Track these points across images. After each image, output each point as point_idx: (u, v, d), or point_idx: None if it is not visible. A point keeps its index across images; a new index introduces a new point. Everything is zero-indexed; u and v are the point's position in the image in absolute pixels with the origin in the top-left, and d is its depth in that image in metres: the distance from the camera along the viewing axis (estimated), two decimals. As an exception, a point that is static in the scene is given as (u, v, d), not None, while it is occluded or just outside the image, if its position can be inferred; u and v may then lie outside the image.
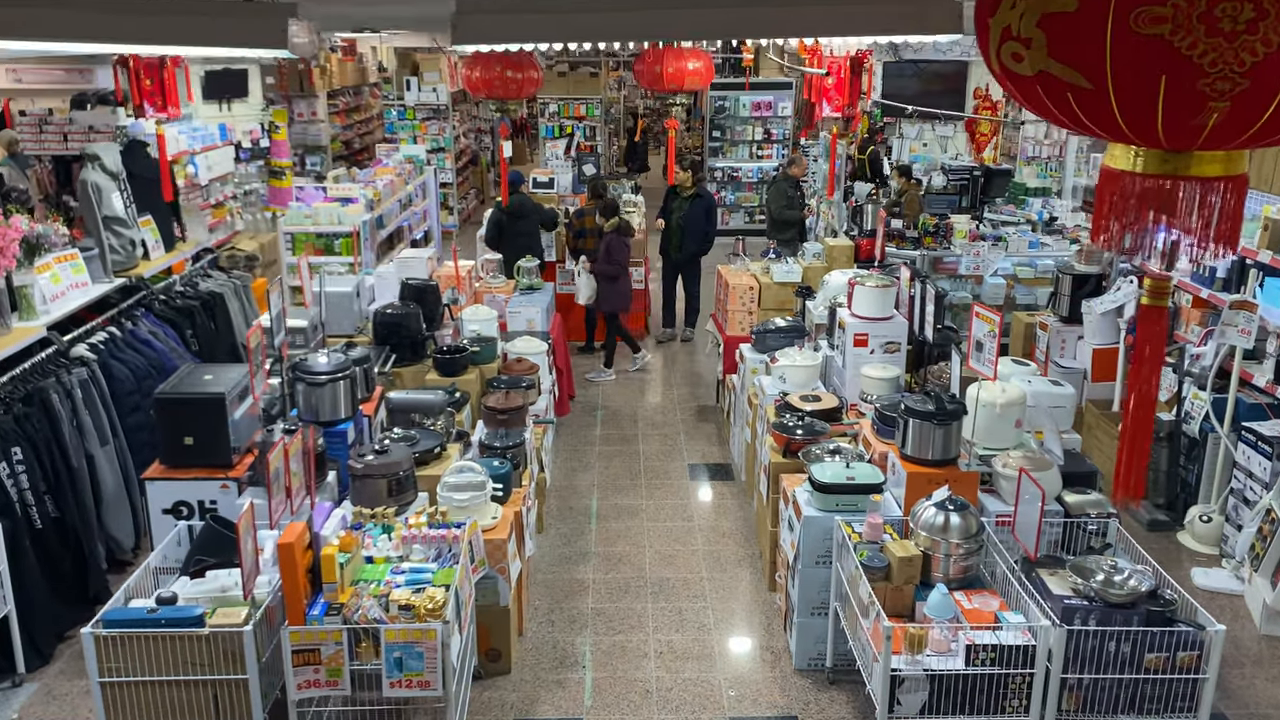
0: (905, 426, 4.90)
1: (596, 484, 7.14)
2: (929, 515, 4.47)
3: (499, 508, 5.04)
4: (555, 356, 7.77)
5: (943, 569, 4.45)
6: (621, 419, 8.34)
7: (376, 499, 4.80)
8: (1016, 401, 5.04)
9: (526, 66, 5.19)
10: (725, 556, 6.17)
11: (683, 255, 10.13)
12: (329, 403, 5.17)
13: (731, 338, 7.86)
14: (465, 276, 7.76)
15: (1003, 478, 4.88)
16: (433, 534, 4.48)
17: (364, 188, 10.40)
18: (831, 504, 4.87)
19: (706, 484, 7.16)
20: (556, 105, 15.09)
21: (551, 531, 6.47)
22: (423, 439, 5.36)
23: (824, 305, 6.88)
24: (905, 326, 6.22)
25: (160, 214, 7.58)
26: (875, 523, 4.59)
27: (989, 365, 4.72)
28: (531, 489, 5.87)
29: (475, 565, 4.76)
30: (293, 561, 3.85)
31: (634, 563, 6.08)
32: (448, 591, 4.10)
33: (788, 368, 6.28)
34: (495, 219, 9.38)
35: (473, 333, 6.88)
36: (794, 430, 5.64)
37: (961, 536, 4.41)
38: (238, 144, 12.23)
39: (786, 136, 14.95)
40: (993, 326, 4.68)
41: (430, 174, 13.14)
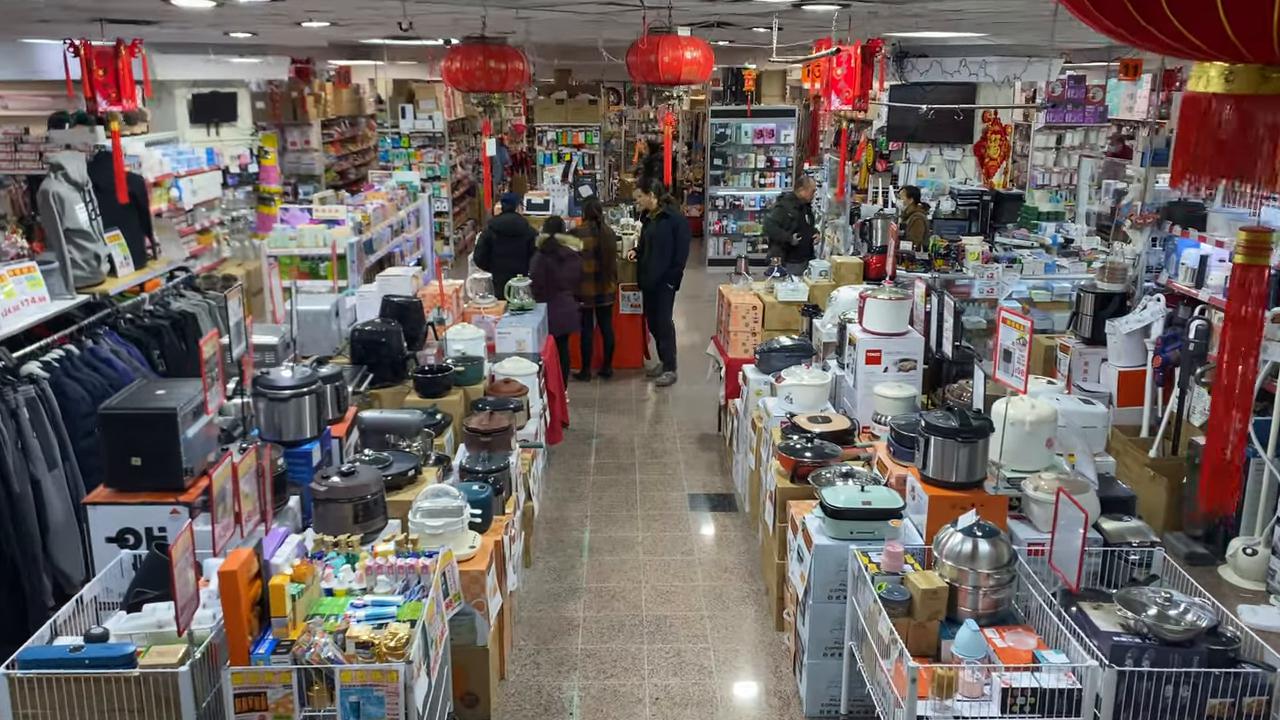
0: (926, 446, 4.44)
1: (589, 515, 6.66)
2: (955, 543, 4.00)
3: (477, 536, 4.58)
4: (547, 379, 7.33)
5: (971, 603, 3.97)
6: (617, 447, 7.88)
7: (341, 525, 4.34)
8: (1047, 419, 4.59)
9: (511, 57, 4.82)
10: (728, 593, 5.68)
11: (646, 281, 9.46)
12: (293, 421, 4.71)
13: (734, 360, 7.42)
14: (452, 295, 7.34)
15: (1034, 502, 4.41)
16: (400, 564, 4.02)
17: (352, 210, 10.03)
18: (845, 531, 4.40)
19: (708, 515, 6.69)
20: (554, 133, 14.79)
21: (539, 565, 5.99)
22: (396, 461, 4.91)
23: (833, 323, 6.45)
24: (921, 343, 5.79)
25: (130, 229, 7.18)
26: (895, 551, 4.11)
27: (1019, 376, 4.27)
28: (517, 518, 5.41)
29: (449, 600, 4.28)
30: (235, 592, 3.39)
31: (629, 600, 5.60)
32: (413, 628, 3.63)
33: (794, 387, 5.84)
34: (485, 237, 9.00)
35: (457, 352, 6.44)
36: (802, 453, 5.18)
37: (992, 566, 3.94)
38: (225, 169, 11.91)
39: (789, 164, 14.62)
40: (1023, 333, 4.24)
41: (424, 200, 12.79)
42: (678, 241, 9.35)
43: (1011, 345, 4.31)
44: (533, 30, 7.40)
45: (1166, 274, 7.25)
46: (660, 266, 9.35)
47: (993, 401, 4.78)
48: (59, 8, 5.72)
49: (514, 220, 9.06)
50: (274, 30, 9.54)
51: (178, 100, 11.49)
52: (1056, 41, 10.05)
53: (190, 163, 10.98)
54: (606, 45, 13.00)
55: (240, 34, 10.20)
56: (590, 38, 10.61)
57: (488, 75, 4.74)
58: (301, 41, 11.70)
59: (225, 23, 7.81)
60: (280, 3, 6.15)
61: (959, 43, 11.04)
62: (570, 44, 13.39)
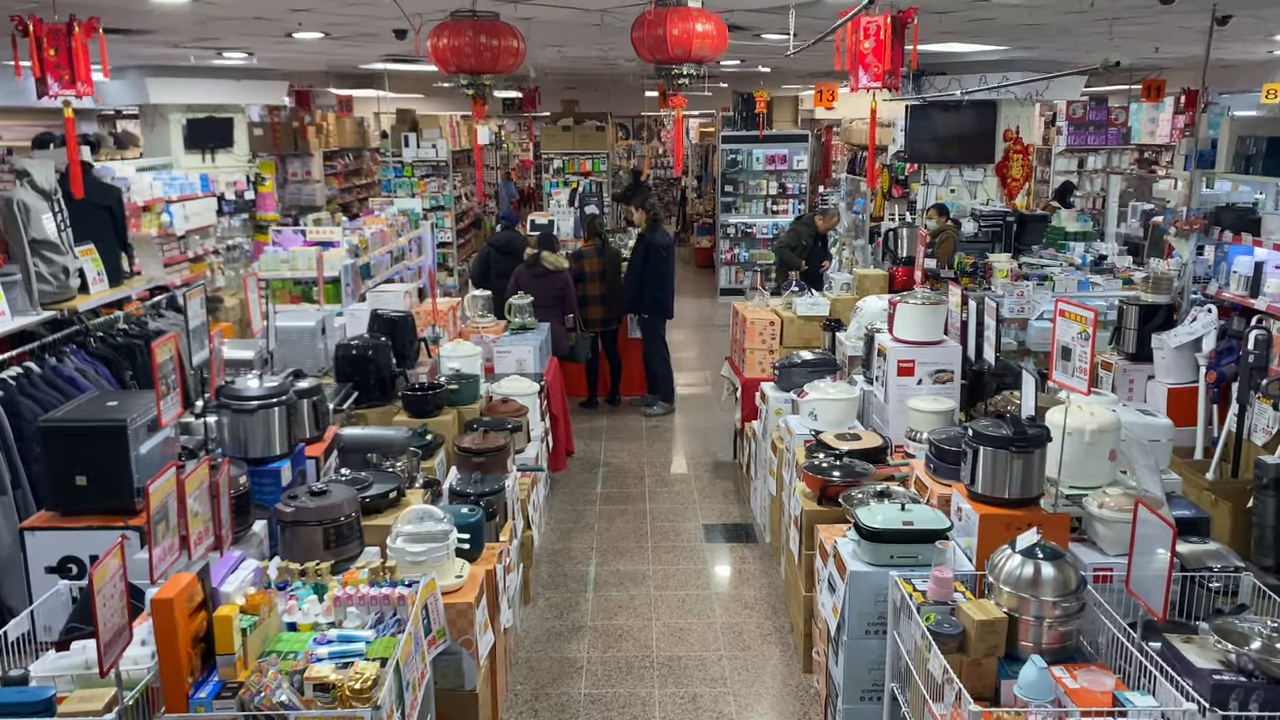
0: (974, 458, 3.91)
1: (595, 547, 6.12)
2: (1013, 566, 3.46)
3: (466, 565, 4.05)
4: (549, 402, 6.83)
5: (1034, 636, 3.42)
6: (626, 476, 7.35)
7: (310, 551, 3.83)
8: (1109, 428, 4.05)
9: (504, 34, 4.39)
10: (748, 631, 5.12)
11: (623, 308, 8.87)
12: (260, 435, 4.21)
13: (750, 380, 6.90)
14: (448, 312, 6.87)
15: (1099, 521, 3.87)
16: (374, 594, 3.49)
17: (349, 234, 9.61)
18: (884, 556, 3.86)
19: (724, 547, 6.14)
20: (561, 161, 14.42)
21: (540, 602, 5.44)
22: (376, 482, 4.39)
23: (858, 335, 5.94)
24: (958, 352, 5.27)
25: (106, 244, 6.73)
26: (944, 577, 3.57)
27: (1081, 376, 3.74)
28: (513, 548, 4.88)
29: (432, 636, 3.75)
30: (171, 624, 2.87)
31: (638, 639, 5.04)
32: (384, 667, 3.10)
33: (819, 402, 5.32)
34: (483, 255, 8.57)
35: (452, 370, 5.95)
36: (830, 472, 4.65)
37: (1058, 593, 3.39)
38: (220, 196, 11.54)
39: (802, 191, 14.21)
40: (1084, 326, 3.72)
41: (427, 229, 12.38)
42: (647, 265, 8.66)
43: (1071, 341, 3.79)
44: (533, 31, 6.99)
45: (1216, 284, 6.73)
46: (628, 291, 8.73)
47: (1043, 413, 4.27)
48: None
49: (513, 238, 8.63)
50: (268, 47, 9.19)
51: (172, 125, 11.14)
52: (1087, 54, 9.65)
53: (183, 188, 10.61)
54: (609, 67, 12.71)
55: (234, 54, 9.87)
56: (595, 54, 10.25)
57: (478, 53, 4.32)
58: (299, 65, 11.37)
59: (207, 29, 7.44)
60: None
61: (980, 58, 10.64)
62: (576, 69, 13.07)
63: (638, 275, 8.66)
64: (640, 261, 8.66)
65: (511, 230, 8.79)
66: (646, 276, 8.63)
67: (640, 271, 8.65)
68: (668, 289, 8.79)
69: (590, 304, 8.62)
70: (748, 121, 14.16)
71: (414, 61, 11.29)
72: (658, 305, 8.75)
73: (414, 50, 9.44)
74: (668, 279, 8.80)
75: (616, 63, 11.91)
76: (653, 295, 8.68)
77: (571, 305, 8.20)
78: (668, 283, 8.80)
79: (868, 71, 4.23)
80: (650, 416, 8.89)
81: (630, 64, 11.58)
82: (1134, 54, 11.20)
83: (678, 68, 4.26)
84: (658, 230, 8.94)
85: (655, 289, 8.67)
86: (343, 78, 13.76)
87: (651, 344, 8.86)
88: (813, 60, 11.98)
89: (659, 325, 8.86)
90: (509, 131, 23.71)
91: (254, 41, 8.49)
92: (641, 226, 8.92)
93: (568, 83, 16.12)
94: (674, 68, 4.28)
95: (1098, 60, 11.36)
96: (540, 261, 7.98)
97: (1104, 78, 14.53)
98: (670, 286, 8.86)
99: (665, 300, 8.79)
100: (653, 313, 8.75)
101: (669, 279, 8.83)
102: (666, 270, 8.76)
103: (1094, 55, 11.08)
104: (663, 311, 8.83)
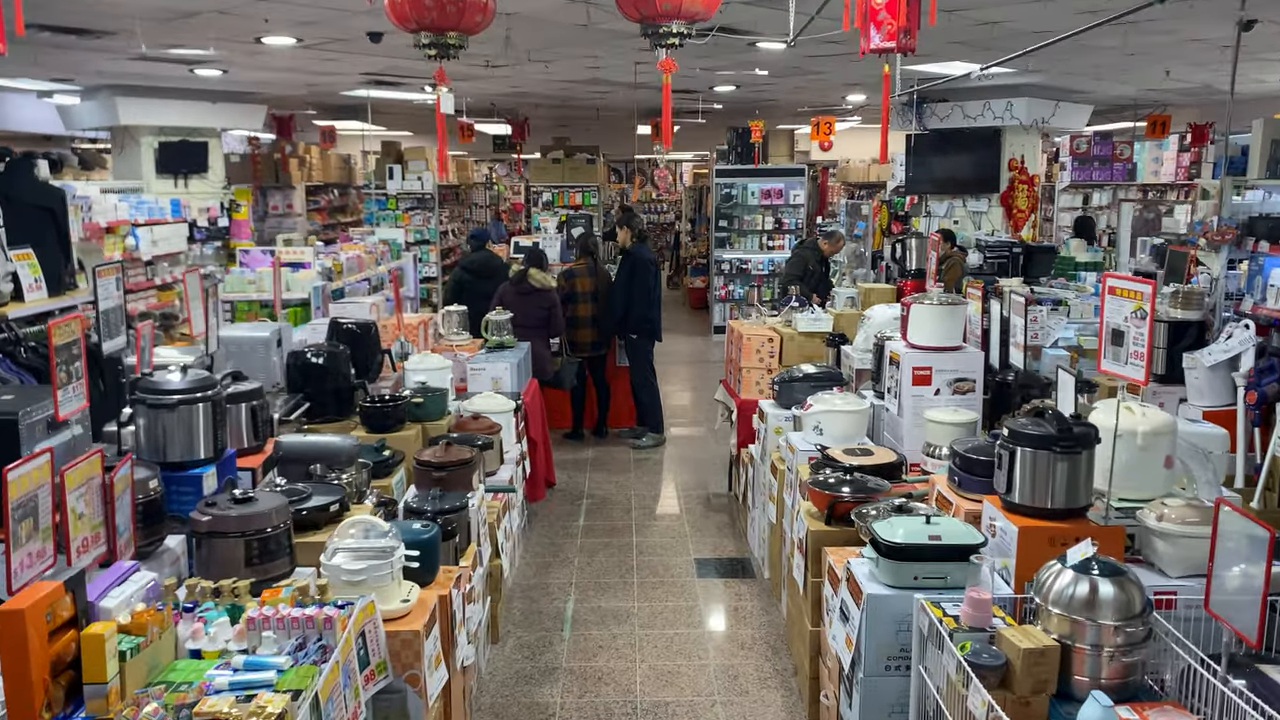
0: (1011, 463, 3.35)
1: (574, 583, 5.51)
2: (1064, 585, 2.88)
3: (415, 589, 3.45)
4: (528, 425, 6.25)
5: (1090, 668, 2.83)
6: (611, 508, 6.75)
7: (229, 568, 3.24)
8: (1164, 430, 3.50)
9: (473, -13, 3.93)
10: (746, 674, 4.50)
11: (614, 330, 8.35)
12: (180, 435, 3.64)
13: (746, 402, 6.34)
14: (418, 327, 6.32)
15: (1159, 537, 3.30)
16: (295, 615, 2.90)
17: (323, 256, 9.10)
18: (907, 577, 3.28)
19: (718, 583, 5.53)
20: (551, 194, 14.00)
21: (510, 641, 4.82)
22: (316, 493, 3.81)
23: (866, 347, 5.41)
24: (980, 359, 4.73)
25: (47, 249, 6.21)
26: (981, 599, 2.98)
27: (1136, 364, 3.19)
28: (478, 577, 4.27)
29: (370, 670, 3.14)
30: (21, 642, 2.28)
31: (619, 682, 4.42)
32: (295, 701, 2.50)
33: (825, 415, 4.75)
34: (456, 279, 8.06)
35: (417, 384, 5.39)
36: (838, 488, 4.07)
37: (1120, 615, 2.81)
38: (193, 222, 11.06)
39: (799, 226, 13.77)
40: (1140, 303, 3.17)
41: (409, 260, 11.87)
42: (634, 281, 8.16)
43: (1123, 323, 3.24)
44: (515, 30, 6.56)
45: (1252, 299, 6.22)
46: (615, 311, 8.22)
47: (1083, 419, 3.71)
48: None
49: (487, 259, 8.13)
50: (240, 60, 8.76)
51: (143, 148, 10.71)
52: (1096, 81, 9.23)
53: (152, 212, 10.11)
54: (600, 97, 12.34)
55: (207, 70, 9.45)
56: (585, 75, 9.85)
57: (441, 7, 3.86)
58: (277, 88, 10.96)
59: (172, 30, 6.99)
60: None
61: (984, 82, 10.26)
62: (566, 99, 12.70)
63: (624, 293, 8.15)
64: (626, 278, 8.17)
65: (484, 250, 8.27)
66: (634, 294, 8.13)
67: (627, 289, 8.15)
68: (655, 308, 8.28)
69: (580, 326, 8.08)
70: (743, 155, 13.77)
71: (395, 85, 10.90)
72: (646, 326, 8.22)
73: (393, 68, 9.06)
74: (655, 297, 8.30)
75: (608, 92, 11.53)
76: (640, 314, 8.16)
77: (558, 327, 7.66)
78: (655, 301, 8.29)
79: (880, 30, 3.74)
80: (639, 449, 8.32)
81: (621, 90, 11.20)
82: (1142, 82, 10.85)
83: (667, 26, 3.80)
84: (643, 245, 8.50)
85: (644, 307, 8.16)
86: (325, 108, 13.37)
87: (640, 371, 8.31)
88: (808, 90, 11.63)
89: (647, 349, 8.32)
90: (500, 175, 23.40)
91: (223, 49, 8.05)
92: (626, 244, 8.41)
93: (559, 119, 15.78)
94: (663, 26, 3.81)
95: (1102, 89, 11.02)
96: (527, 279, 7.45)
97: (1109, 114, 14.23)
98: (658, 306, 8.34)
99: (654, 320, 8.28)
100: (641, 334, 8.23)
101: (656, 297, 8.33)
102: (654, 287, 8.27)
103: (1104, 84, 10.74)
104: (651, 333, 8.30)
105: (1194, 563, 3.24)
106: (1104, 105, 12.52)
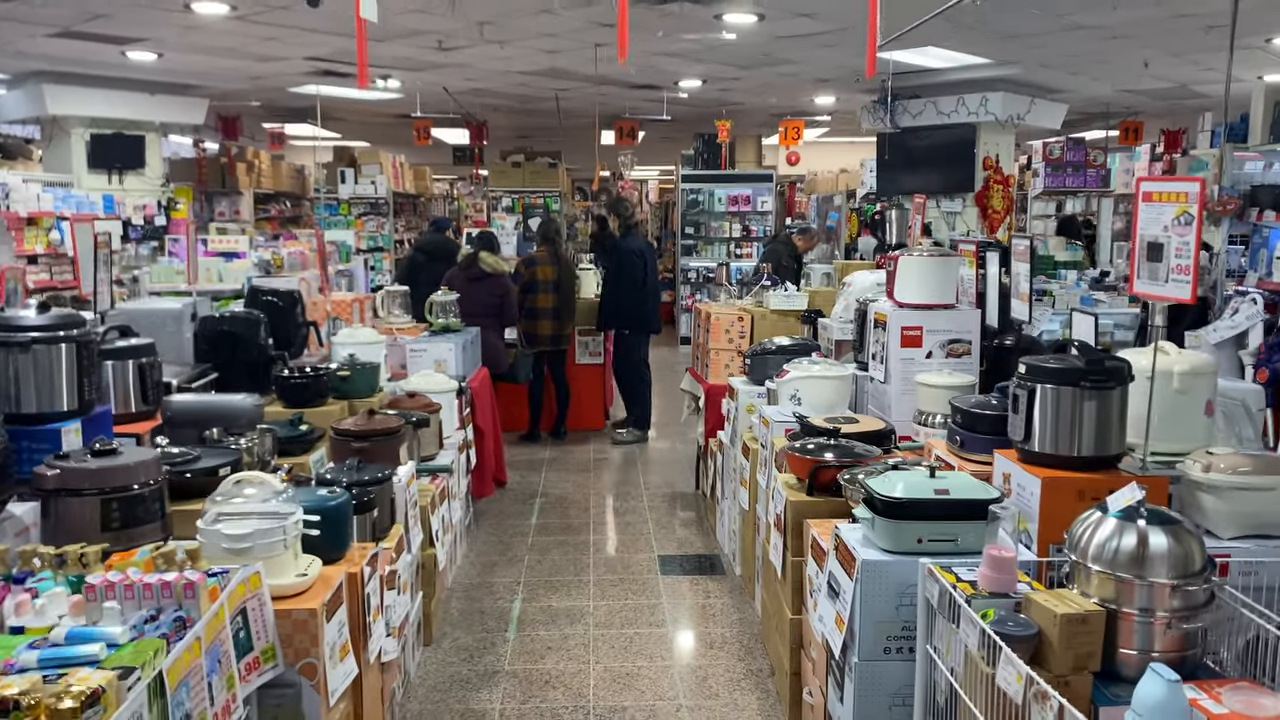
0: (1030, 405, 2.83)
1: (523, 581, 4.91)
2: (1106, 537, 2.35)
3: (316, 563, 2.85)
4: (474, 413, 5.66)
5: (1140, 639, 2.30)
6: (568, 506, 6.15)
7: (82, 533, 2.64)
8: (1203, 371, 3.00)
9: None
10: (715, 675, 3.92)
11: (599, 325, 8.03)
12: (34, 381, 3.02)
13: (714, 387, 5.79)
14: (352, 305, 5.73)
15: (1207, 491, 2.77)
16: (146, 582, 2.31)
17: (261, 249, 8.48)
18: (910, 539, 2.72)
19: (684, 580, 4.95)
20: (510, 200, 13.47)
21: (445, 643, 4.21)
22: (205, 457, 3.21)
23: (846, 317, 4.89)
24: (977, 319, 4.23)
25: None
26: (1003, 557, 2.44)
27: (1180, 280, 2.67)
28: (406, 566, 3.68)
29: (254, 656, 2.55)
30: None
31: (569, 686, 3.82)
32: (125, 680, 1.90)
33: (803, 382, 4.22)
34: (409, 259, 7.52)
35: (346, 358, 4.80)
36: (821, 452, 3.53)
37: (1177, 573, 2.28)
38: (127, 220, 10.40)
39: (768, 233, 13.32)
40: (1184, 206, 2.66)
41: (360, 264, 11.25)
42: (621, 277, 7.76)
43: (1162, 232, 2.73)
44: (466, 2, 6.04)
45: (1255, 274, 5.79)
46: (604, 306, 7.86)
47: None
48: None
49: (444, 242, 7.59)
50: (173, 39, 8.18)
51: (74, 140, 10.05)
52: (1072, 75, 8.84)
53: (81, 206, 9.46)
54: (562, 96, 11.86)
55: (140, 53, 8.85)
56: (543, 65, 9.35)
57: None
58: (218, 79, 10.36)
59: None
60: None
61: (958, 75, 9.89)
62: (526, 104, 12.21)
63: (613, 288, 7.78)
64: (615, 273, 7.78)
65: (442, 235, 7.75)
66: (621, 288, 7.73)
67: (616, 284, 7.76)
68: (650, 300, 7.87)
69: (540, 317, 7.52)
70: (709, 160, 13.33)
71: (345, 78, 10.35)
72: (639, 319, 7.80)
73: (340, 52, 8.52)
74: (650, 288, 7.87)
75: (568, 90, 11.05)
76: (630, 308, 7.75)
77: (511, 316, 7.10)
78: (649, 293, 7.86)
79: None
80: (620, 443, 7.89)
81: (582, 89, 10.73)
82: (1119, 79, 10.52)
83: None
84: (630, 235, 8.12)
85: (637, 302, 7.75)
86: (273, 110, 12.78)
87: (631, 363, 7.90)
88: (777, 87, 11.21)
89: (641, 344, 7.92)
90: (462, 193, 22.87)
91: (150, 20, 7.46)
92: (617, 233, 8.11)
93: (520, 128, 15.29)
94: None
95: (1078, 85, 10.70)
96: (478, 263, 6.89)
97: (1080, 123, 13.95)
98: (653, 297, 7.97)
99: (648, 313, 7.86)
100: (633, 328, 7.81)
101: (652, 288, 7.92)
102: (646, 279, 7.83)
103: (1080, 79, 10.40)
104: (645, 326, 7.87)
105: (1251, 521, 2.72)
106: (1079, 106, 12.20)
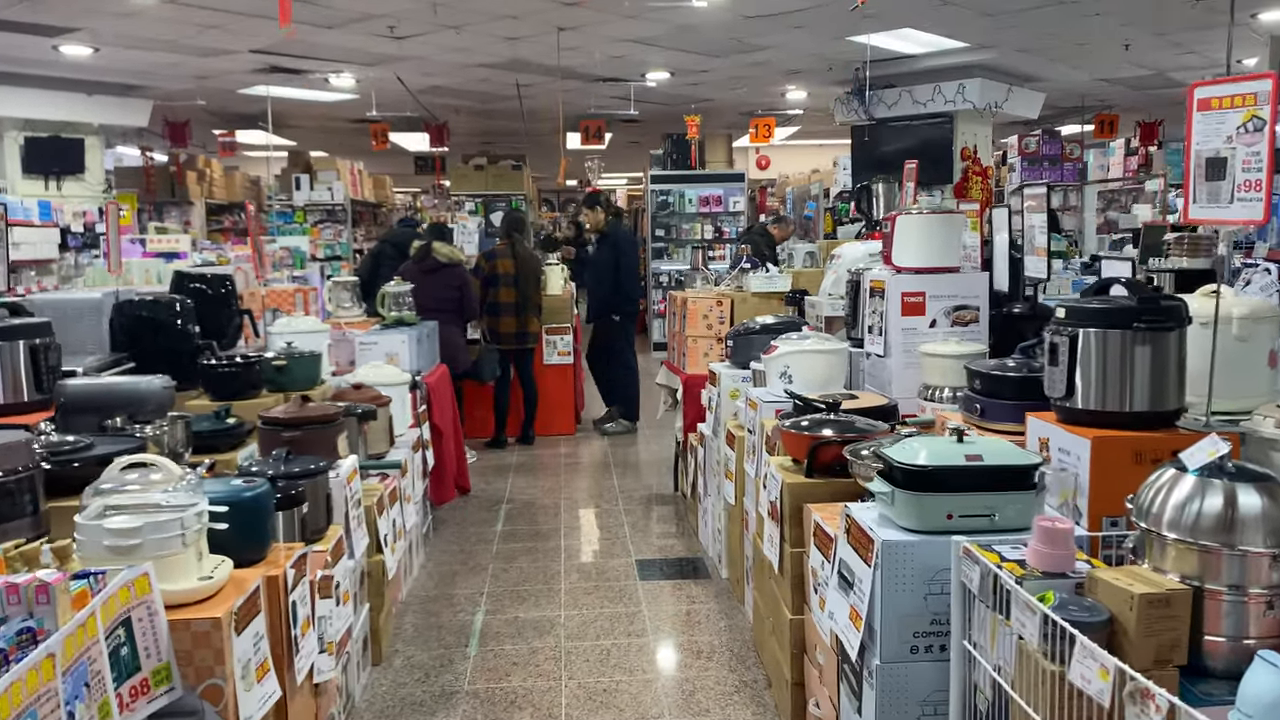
0: (1073, 354, 2.40)
1: (487, 592, 4.42)
2: (1184, 498, 1.92)
3: (226, 564, 2.37)
4: (432, 410, 5.18)
5: (1231, 623, 1.88)
6: (536, 512, 5.67)
7: (-74, 534, 2.14)
8: (1266, 316, 2.60)
9: None
10: (704, 687, 3.46)
11: (590, 315, 7.91)
12: (-116, 358, 2.53)
13: (693, 377, 5.35)
14: (294, 295, 5.25)
15: (1275, 447, 2.36)
16: (-9, 583, 1.83)
17: (207, 251, 7.99)
18: (938, 516, 2.28)
19: (665, 585, 4.48)
20: (474, 204, 12.99)
21: (397, 661, 3.72)
22: (99, 445, 2.72)
23: (838, 292, 4.48)
24: (984, 282, 3.81)
25: None
26: (1058, 529, 2.00)
27: (1250, 200, 2.26)
28: (347, 573, 3.19)
29: (142, 679, 2.05)
30: None
31: (538, 705, 3.34)
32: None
33: (794, 356, 3.79)
34: (375, 251, 7.16)
35: (284, 347, 4.31)
36: (820, 428, 3.09)
37: (1277, 540, 1.85)
38: (66, 228, 9.84)
39: (740, 235, 12.93)
40: (1252, 109, 2.25)
41: (315, 271, 10.75)
42: (621, 262, 7.72)
43: (1225, 144, 2.31)
44: None
45: (1266, 244, 5.43)
46: (600, 296, 7.72)
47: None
48: None
49: (413, 236, 7.14)
50: (108, 32, 7.68)
51: (7, 143, 9.50)
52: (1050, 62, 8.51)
53: (14, 212, 8.89)
54: (524, 97, 11.44)
55: (75, 49, 8.33)
56: (503, 55, 8.93)
57: None
58: (161, 79, 9.84)
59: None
60: None
61: (935, 63, 9.58)
62: (488, 106, 11.79)
63: (611, 276, 7.67)
64: (612, 258, 7.70)
65: (412, 231, 7.40)
66: (621, 273, 7.71)
67: (614, 269, 7.68)
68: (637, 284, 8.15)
69: (502, 313, 7.07)
70: (679, 160, 12.95)
71: (295, 74, 9.87)
72: (630, 307, 7.88)
73: (285, 45, 8.04)
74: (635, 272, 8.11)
75: (530, 85, 10.62)
76: (628, 294, 7.81)
77: (472, 309, 6.64)
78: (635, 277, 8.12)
79: None
80: (609, 435, 7.76)
81: (544, 85, 10.31)
82: (1097, 67, 10.26)
83: None
84: (620, 222, 8.31)
85: (632, 287, 7.90)
86: (223, 115, 12.24)
87: (618, 352, 7.79)
88: (748, 81, 10.86)
89: (630, 331, 7.96)
90: (426, 205, 22.38)
91: (81, 9, 6.96)
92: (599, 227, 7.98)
93: (482, 132, 14.86)
94: None
95: (1056, 74, 10.42)
96: (432, 254, 6.42)
97: (1055, 118, 13.71)
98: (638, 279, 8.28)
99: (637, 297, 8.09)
100: (624, 315, 7.80)
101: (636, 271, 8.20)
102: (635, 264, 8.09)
103: (1057, 66, 10.12)
104: (634, 311, 8.01)
105: (1338, 481, 2.30)
106: (1054, 99, 11.93)
